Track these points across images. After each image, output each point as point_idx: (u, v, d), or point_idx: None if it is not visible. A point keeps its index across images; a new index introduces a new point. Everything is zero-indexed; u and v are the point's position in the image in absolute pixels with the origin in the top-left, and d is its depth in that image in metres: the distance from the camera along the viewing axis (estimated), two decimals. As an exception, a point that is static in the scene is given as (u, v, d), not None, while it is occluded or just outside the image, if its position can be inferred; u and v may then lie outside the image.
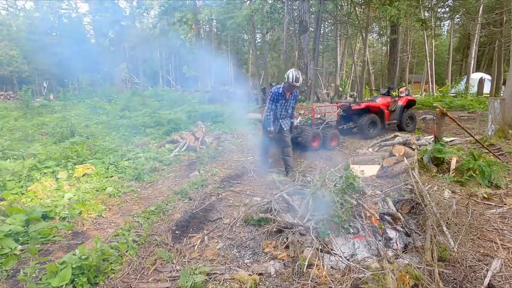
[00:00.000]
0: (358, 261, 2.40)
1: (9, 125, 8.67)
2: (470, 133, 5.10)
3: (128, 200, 4.02)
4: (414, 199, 3.17)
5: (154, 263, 2.55)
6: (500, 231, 2.86)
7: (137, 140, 7.11)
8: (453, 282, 2.17)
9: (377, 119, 7.71)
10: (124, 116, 10.24)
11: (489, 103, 6.30)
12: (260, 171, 5.03)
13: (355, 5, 16.14)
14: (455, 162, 4.32)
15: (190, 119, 9.82)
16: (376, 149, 5.98)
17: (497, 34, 16.59)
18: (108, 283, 2.30)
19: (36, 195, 3.86)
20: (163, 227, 3.22)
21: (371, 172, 4.67)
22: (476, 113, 10.99)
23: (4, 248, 2.60)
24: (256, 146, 6.29)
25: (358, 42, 21.98)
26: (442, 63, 32.55)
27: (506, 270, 2.29)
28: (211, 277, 2.31)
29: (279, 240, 2.75)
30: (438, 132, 4.96)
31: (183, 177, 4.94)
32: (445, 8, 18.72)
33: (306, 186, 3.74)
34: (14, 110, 12.16)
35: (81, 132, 7.54)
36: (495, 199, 3.56)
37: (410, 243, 2.63)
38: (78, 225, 3.23)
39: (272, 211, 3.19)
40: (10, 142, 6.10)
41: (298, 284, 2.20)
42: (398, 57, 15.35)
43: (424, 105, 13.64)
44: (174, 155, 6.06)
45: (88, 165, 4.90)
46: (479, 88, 17.99)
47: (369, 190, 3.62)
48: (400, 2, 10.26)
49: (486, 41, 24.24)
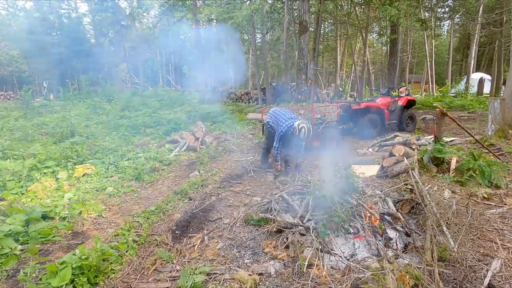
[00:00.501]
0: (358, 261, 2.40)
1: (9, 125, 8.67)
2: (470, 133, 5.10)
3: (128, 200, 4.02)
4: (414, 199, 3.17)
5: (154, 263, 2.55)
6: (500, 231, 2.86)
7: (137, 140, 7.11)
8: (453, 282, 2.18)
9: (377, 119, 7.70)
10: (124, 116, 10.24)
11: (489, 103, 6.30)
12: (260, 170, 5.03)
13: (355, 5, 16.13)
14: (455, 162, 4.32)
15: (190, 119, 9.83)
16: (376, 149, 5.99)
17: (497, 34, 16.59)
18: (108, 283, 2.30)
19: (36, 195, 3.86)
20: (163, 227, 3.22)
21: (371, 172, 4.68)
22: (476, 113, 10.99)
23: (4, 248, 2.60)
24: (256, 145, 6.28)
25: (358, 42, 21.96)
26: (442, 63, 32.54)
27: (506, 270, 2.29)
28: (211, 277, 2.31)
29: (279, 240, 2.75)
30: (438, 132, 4.96)
31: (183, 177, 4.94)
32: (445, 8, 18.71)
33: (306, 186, 3.74)
34: (14, 110, 12.18)
35: (81, 132, 7.54)
36: (495, 199, 3.56)
37: (410, 243, 2.63)
38: (78, 225, 3.23)
39: (272, 211, 3.20)
40: (10, 142, 6.10)
41: (298, 284, 2.20)
42: (398, 57, 15.32)
43: (424, 105, 13.64)
44: (174, 155, 6.06)
45: (88, 165, 4.91)
46: (479, 88, 17.99)
47: (369, 190, 3.62)
48: (400, 2, 10.26)
49: (486, 41, 24.24)
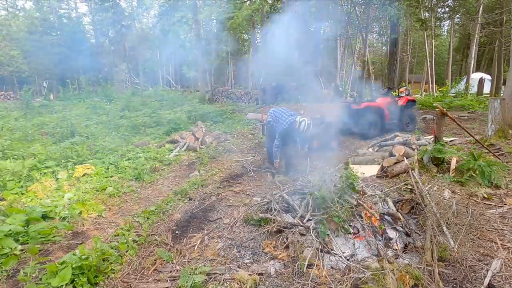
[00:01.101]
0: (358, 261, 2.40)
1: (9, 125, 8.66)
2: (470, 133, 5.10)
3: (128, 200, 4.02)
4: (414, 199, 3.17)
5: (154, 263, 2.55)
6: (500, 231, 2.86)
7: (137, 140, 7.11)
8: (453, 282, 2.18)
9: (377, 119, 7.70)
10: (124, 116, 10.24)
11: (489, 103, 6.30)
12: (260, 170, 5.03)
13: (355, 5, 16.13)
14: (455, 162, 4.32)
15: (190, 119, 9.83)
16: (376, 149, 5.98)
17: (497, 34, 16.57)
18: (108, 283, 2.30)
19: (36, 195, 3.86)
20: (163, 227, 3.22)
21: (371, 172, 4.68)
22: (476, 113, 10.98)
23: (4, 248, 2.60)
24: (256, 145, 6.27)
25: (358, 42, 21.96)
26: (442, 63, 32.50)
27: (506, 270, 2.29)
28: (211, 277, 2.31)
29: (279, 240, 2.75)
30: (438, 132, 4.96)
31: (183, 177, 4.94)
32: (445, 8, 18.68)
33: (306, 186, 3.74)
34: (14, 110, 12.17)
35: (81, 132, 7.54)
36: (495, 199, 3.56)
37: (410, 243, 2.63)
38: (78, 225, 3.23)
39: (272, 211, 3.19)
40: (10, 142, 6.09)
41: (298, 284, 2.20)
42: (398, 57, 15.34)
43: (424, 105, 13.62)
44: (174, 155, 6.06)
45: (88, 165, 4.91)
46: (479, 88, 17.97)
47: (369, 190, 3.62)
48: (400, 2, 10.27)
49: (486, 41, 24.20)
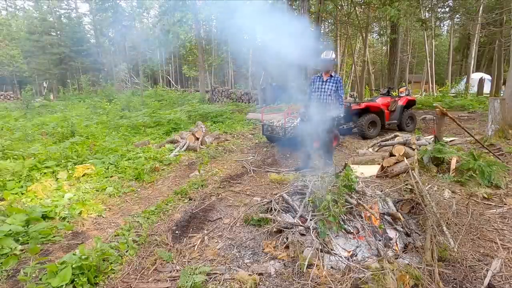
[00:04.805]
0: (358, 261, 2.40)
1: (9, 125, 8.67)
2: (470, 133, 5.10)
3: (128, 200, 4.02)
4: (414, 199, 3.16)
5: (154, 263, 2.55)
6: (500, 231, 2.86)
7: (137, 140, 7.12)
8: (453, 282, 2.17)
9: (377, 119, 7.70)
10: (124, 116, 10.25)
11: (489, 103, 6.30)
12: (260, 170, 5.02)
13: (355, 5, 16.13)
14: (455, 162, 4.32)
15: (190, 119, 9.84)
16: (376, 149, 5.98)
17: (497, 34, 16.56)
18: (108, 283, 2.30)
19: (36, 195, 3.86)
20: (163, 227, 3.22)
21: (371, 172, 4.67)
22: (476, 113, 10.99)
23: (4, 248, 2.60)
24: (256, 145, 6.25)
25: (358, 42, 21.98)
26: (442, 63, 32.53)
27: (506, 270, 2.29)
28: (211, 277, 2.31)
29: (279, 240, 2.75)
30: (438, 132, 4.96)
31: (183, 177, 4.94)
32: (445, 8, 18.67)
33: (306, 186, 3.73)
34: (14, 110, 12.19)
35: (81, 132, 7.54)
36: (495, 199, 3.55)
37: (410, 243, 2.63)
38: (78, 225, 3.23)
39: (272, 211, 3.19)
40: (10, 142, 6.10)
41: (298, 284, 2.20)
42: (398, 57, 15.33)
43: (424, 105, 13.62)
44: (174, 155, 6.06)
45: (88, 165, 4.90)
46: (479, 88, 17.96)
47: (369, 190, 3.62)
48: (400, 2, 10.27)
49: (486, 41, 24.18)
